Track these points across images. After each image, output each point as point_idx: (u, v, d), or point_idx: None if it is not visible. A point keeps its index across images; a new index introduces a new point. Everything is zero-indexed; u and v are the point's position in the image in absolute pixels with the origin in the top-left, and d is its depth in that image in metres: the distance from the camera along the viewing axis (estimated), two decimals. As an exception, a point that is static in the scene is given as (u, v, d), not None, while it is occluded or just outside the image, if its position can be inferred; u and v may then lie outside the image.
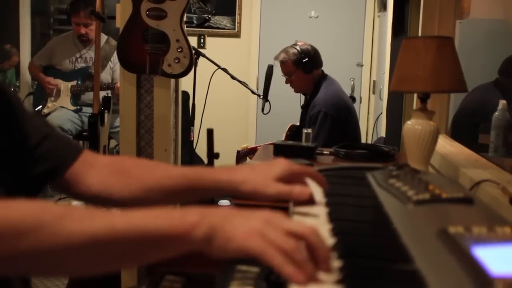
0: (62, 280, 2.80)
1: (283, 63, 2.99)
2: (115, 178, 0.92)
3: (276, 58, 3.03)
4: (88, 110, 3.54)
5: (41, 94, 3.71)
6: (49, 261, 0.61)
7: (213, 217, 0.63)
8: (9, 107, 0.86)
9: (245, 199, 0.89)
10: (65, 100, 3.65)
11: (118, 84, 3.11)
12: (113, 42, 3.62)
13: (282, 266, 0.58)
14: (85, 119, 3.50)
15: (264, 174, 0.86)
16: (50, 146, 0.90)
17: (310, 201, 0.87)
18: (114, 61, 3.64)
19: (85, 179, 0.91)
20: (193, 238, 0.62)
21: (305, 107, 3.08)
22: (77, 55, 3.73)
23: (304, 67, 2.94)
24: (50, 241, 0.59)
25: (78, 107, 3.65)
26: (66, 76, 3.70)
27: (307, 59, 2.94)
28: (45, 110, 3.65)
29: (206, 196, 0.93)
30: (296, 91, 3.12)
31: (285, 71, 3.01)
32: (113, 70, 3.70)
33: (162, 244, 0.62)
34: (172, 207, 0.66)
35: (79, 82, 3.67)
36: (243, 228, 0.62)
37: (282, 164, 0.88)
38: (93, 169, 0.92)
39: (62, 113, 3.60)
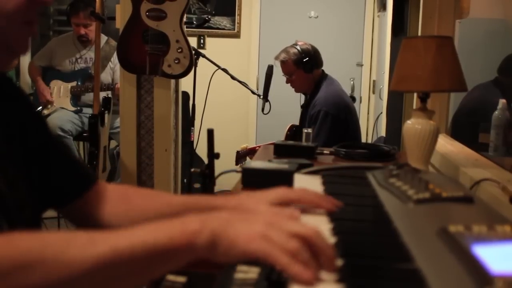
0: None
1: (283, 63, 3.00)
2: (117, 207, 0.94)
3: (276, 58, 3.03)
4: (88, 111, 3.54)
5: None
6: None
7: (213, 222, 0.63)
8: (44, 131, 0.90)
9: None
10: (65, 101, 3.66)
11: (118, 85, 3.11)
12: (113, 43, 3.62)
13: (288, 266, 0.58)
14: (85, 120, 3.50)
15: (259, 199, 0.88)
16: (65, 171, 0.92)
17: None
18: (114, 62, 3.64)
19: (91, 211, 0.93)
20: (196, 246, 0.62)
21: (305, 107, 3.09)
22: (77, 56, 3.73)
23: (304, 67, 2.95)
24: (55, 272, 0.59)
25: (78, 108, 3.65)
26: (66, 76, 3.70)
27: (307, 58, 2.94)
28: (45, 112, 3.65)
29: None
30: (297, 91, 3.12)
31: (286, 71, 3.02)
32: (113, 70, 3.70)
33: (166, 257, 0.63)
34: (172, 218, 0.66)
35: (79, 83, 3.67)
36: (246, 232, 0.62)
37: (279, 191, 0.89)
38: (101, 201, 0.94)
39: (62, 114, 3.60)
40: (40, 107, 3.67)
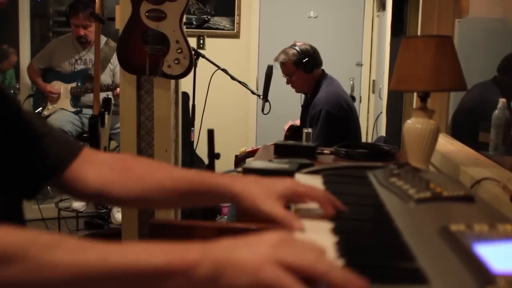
0: None
1: (283, 64, 2.99)
2: (115, 176, 0.90)
3: (276, 59, 3.03)
4: (88, 112, 3.54)
5: (41, 96, 3.71)
6: None
7: (215, 251, 0.59)
8: (8, 107, 0.84)
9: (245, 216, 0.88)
10: (65, 102, 3.66)
11: (118, 90, 3.12)
12: (113, 44, 3.62)
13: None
14: (85, 121, 3.50)
15: (266, 188, 0.84)
16: (49, 144, 0.88)
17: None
18: (114, 63, 3.64)
19: (84, 177, 0.89)
20: (195, 276, 0.57)
21: (305, 107, 3.09)
22: (77, 57, 3.72)
23: (304, 67, 2.95)
24: (36, 273, 0.55)
25: (78, 109, 3.65)
26: (66, 78, 3.70)
27: (307, 59, 2.94)
28: (45, 112, 3.65)
29: (207, 201, 0.91)
30: (297, 91, 3.12)
31: (286, 72, 3.02)
32: (113, 72, 3.70)
33: (159, 282, 0.58)
34: (172, 243, 0.61)
35: (79, 84, 3.67)
36: (253, 259, 0.57)
37: (287, 182, 0.85)
38: (93, 166, 0.91)
39: (62, 114, 3.60)
40: (40, 108, 3.67)
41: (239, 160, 3.08)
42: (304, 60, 2.93)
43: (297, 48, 2.97)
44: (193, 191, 0.88)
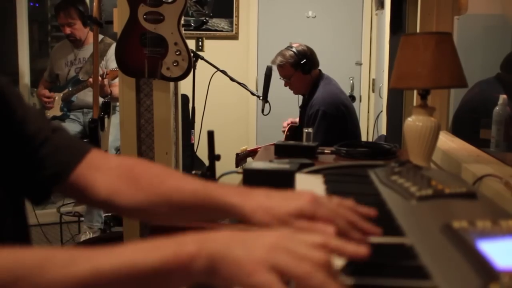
0: None
1: (281, 67, 2.98)
2: (122, 185, 0.87)
3: (273, 62, 3.01)
4: (78, 115, 3.56)
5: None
6: None
7: (211, 244, 0.58)
8: (8, 108, 0.82)
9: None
10: (56, 108, 3.67)
11: (91, 80, 3.10)
12: (108, 40, 3.60)
13: None
14: (76, 128, 3.53)
15: (279, 208, 0.74)
16: (52, 148, 0.86)
17: None
18: (106, 58, 3.60)
19: (92, 184, 0.86)
20: (192, 271, 0.57)
21: (303, 107, 3.08)
22: (72, 57, 3.71)
23: (303, 68, 2.94)
24: None
25: (65, 112, 3.64)
26: (60, 88, 3.72)
27: (305, 60, 2.93)
28: None
29: (213, 217, 0.87)
30: (295, 92, 3.11)
31: (284, 74, 3.00)
32: (105, 64, 3.64)
33: (157, 281, 0.57)
34: (165, 238, 0.59)
35: (70, 89, 3.67)
36: (247, 260, 0.55)
37: (304, 199, 0.73)
38: (100, 172, 0.87)
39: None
40: None
41: (240, 158, 3.07)
42: (302, 62, 2.92)
43: (294, 49, 2.96)
44: (201, 207, 0.83)
